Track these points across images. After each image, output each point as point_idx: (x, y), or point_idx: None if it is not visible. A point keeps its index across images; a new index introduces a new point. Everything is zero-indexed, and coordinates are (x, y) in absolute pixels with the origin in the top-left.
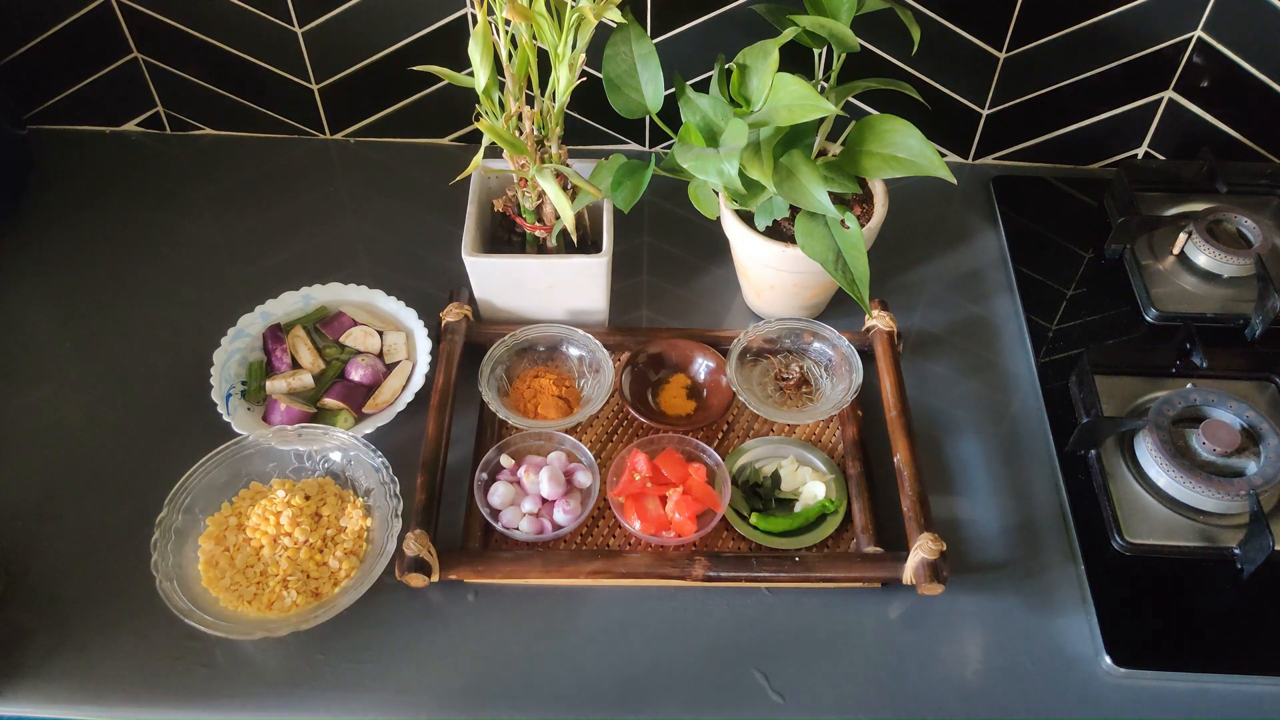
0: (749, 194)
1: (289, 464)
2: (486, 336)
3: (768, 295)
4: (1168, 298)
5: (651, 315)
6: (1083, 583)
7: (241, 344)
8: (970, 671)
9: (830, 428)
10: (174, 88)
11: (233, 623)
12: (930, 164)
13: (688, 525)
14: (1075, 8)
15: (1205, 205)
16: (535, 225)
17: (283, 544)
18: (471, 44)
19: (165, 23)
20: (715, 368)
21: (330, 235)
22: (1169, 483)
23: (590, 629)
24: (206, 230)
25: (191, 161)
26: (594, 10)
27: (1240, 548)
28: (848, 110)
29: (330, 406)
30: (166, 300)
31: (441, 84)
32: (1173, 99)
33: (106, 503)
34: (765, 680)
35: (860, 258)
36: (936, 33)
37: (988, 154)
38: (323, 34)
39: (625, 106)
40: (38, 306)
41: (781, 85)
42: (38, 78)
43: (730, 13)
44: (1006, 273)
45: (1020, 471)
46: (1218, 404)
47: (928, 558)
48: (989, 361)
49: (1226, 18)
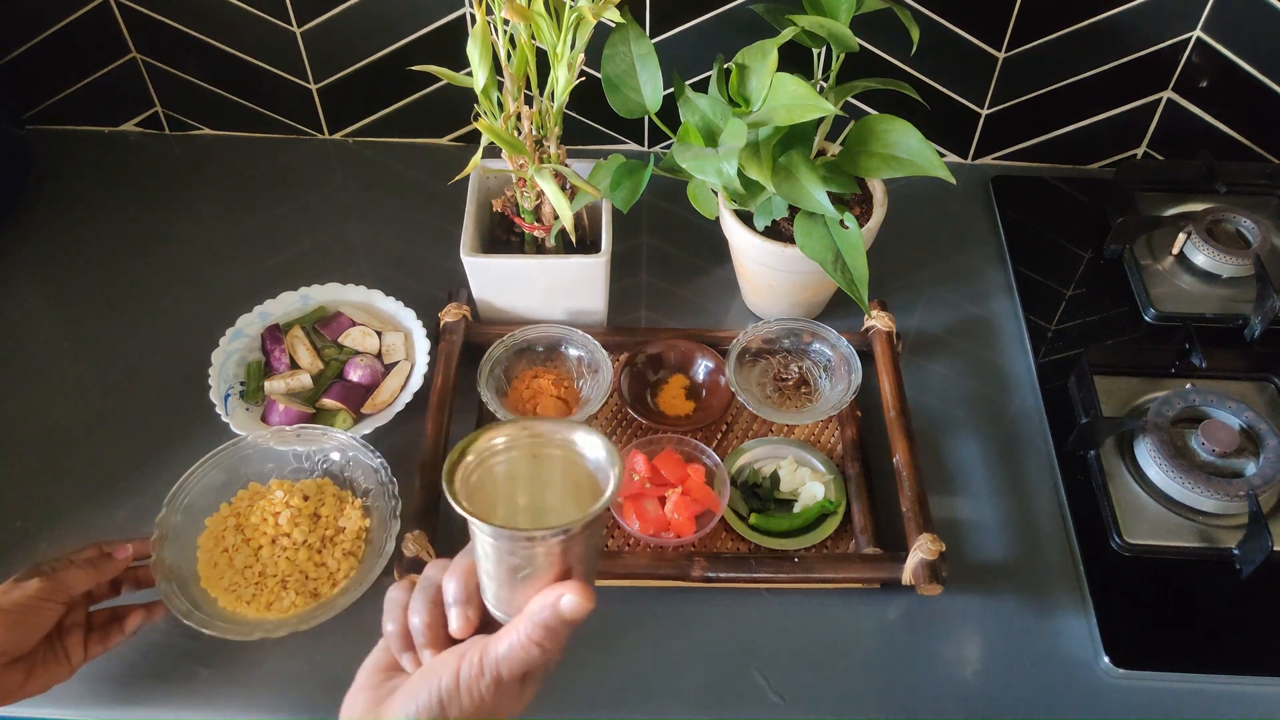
0: (748, 194)
1: (287, 464)
2: (485, 337)
3: (767, 295)
4: (1167, 298)
5: (650, 315)
6: (1082, 583)
7: (240, 344)
8: (969, 672)
9: (829, 428)
10: (173, 88)
11: (231, 623)
12: (929, 164)
13: (686, 526)
14: (1074, 8)
15: (1204, 205)
16: (534, 225)
17: (281, 544)
18: (470, 44)
19: (164, 23)
20: (714, 368)
21: (329, 235)
22: (1168, 483)
23: (589, 630)
24: (205, 230)
25: (190, 161)
26: (593, 10)
27: (1239, 548)
28: (847, 110)
29: (329, 407)
30: (165, 300)
31: (440, 84)
32: (1172, 99)
33: (106, 503)
34: (765, 681)
35: (859, 258)
36: (936, 32)
37: (987, 154)
38: (322, 34)
39: (624, 106)
40: (36, 306)
41: (780, 85)
42: (36, 78)
43: (729, 13)
44: (1006, 273)
45: (1019, 472)
46: (1217, 404)
47: (927, 558)
48: (988, 362)
49: (1225, 18)
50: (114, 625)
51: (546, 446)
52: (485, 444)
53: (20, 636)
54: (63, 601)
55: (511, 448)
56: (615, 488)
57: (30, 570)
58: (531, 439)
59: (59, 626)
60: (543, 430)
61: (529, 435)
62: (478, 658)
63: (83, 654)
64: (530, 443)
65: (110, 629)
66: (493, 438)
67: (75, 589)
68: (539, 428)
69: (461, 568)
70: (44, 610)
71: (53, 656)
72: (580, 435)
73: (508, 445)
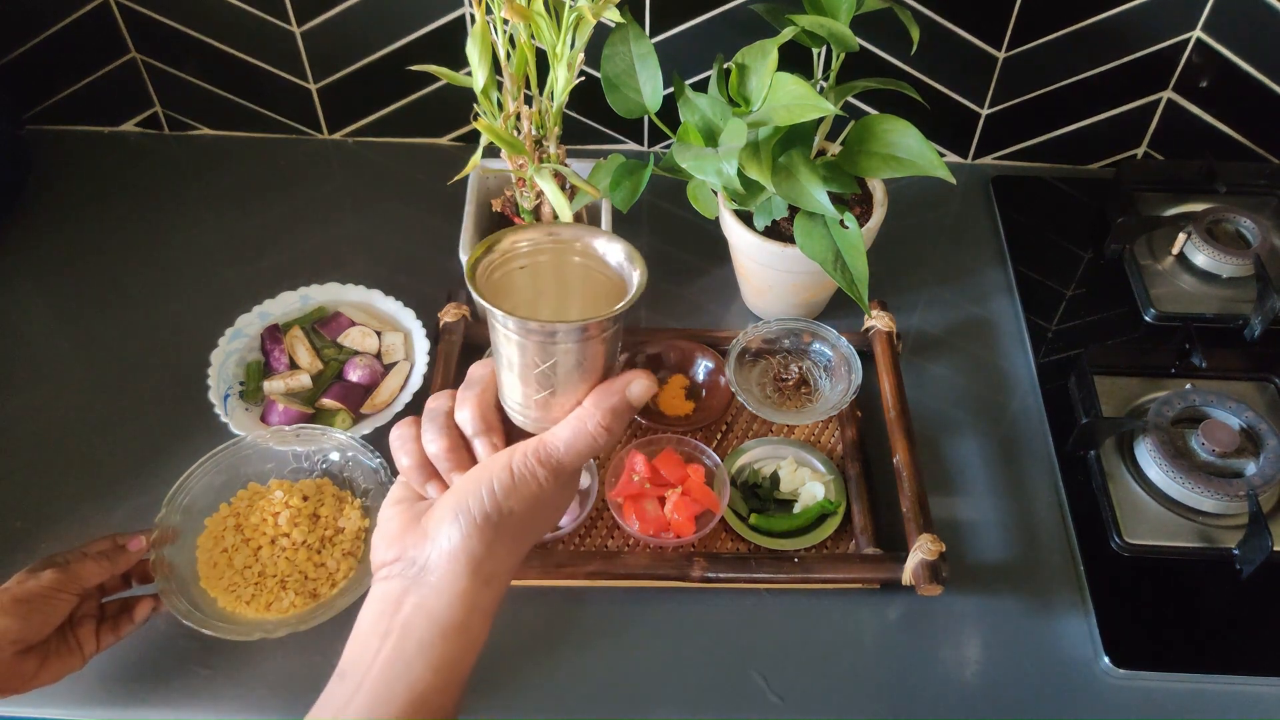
0: (748, 194)
1: (287, 464)
2: (485, 337)
3: (767, 295)
4: (1167, 298)
5: (650, 315)
6: (1082, 583)
7: (239, 344)
8: (969, 672)
9: (829, 428)
10: (172, 88)
11: (230, 624)
12: (929, 164)
13: (686, 526)
14: (1074, 8)
15: (1204, 205)
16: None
17: (280, 545)
18: (470, 44)
19: (164, 23)
20: (714, 368)
21: (328, 235)
22: (1168, 483)
23: (588, 630)
24: (204, 230)
25: (190, 161)
26: (592, 10)
27: (1239, 548)
28: (847, 110)
29: (328, 407)
30: (164, 300)
31: (440, 84)
32: (1172, 99)
33: (105, 503)
34: (764, 682)
35: (859, 258)
36: (936, 32)
37: (987, 154)
38: (321, 34)
39: (624, 106)
40: (36, 306)
41: (780, 85)
42: (36, 78)
43: (729, 12)
44: (1006, 273)
45: (1019, 472)
46: (1217, 404)
47: (927, 558)
48: (988, 362)
49: (1226, 18)
50: (124, 615)
51: (568, 254)
52: (509, 245)
53: (34, 626)
54: (76, 593)
55: (535, 252)
56: (640, 285)
57: (44, 561)
58: (555, 244)
59: (71, 617)
60: (566, 235)
61: (552, 240)
62: (532, 450)
63: (94, 644)
64: (553, 248)
65: (121, 619)
66: (516, 241)
67: (88, 581)
68: (563, 233)
69: (473, 399)
70: (57, 601)
71: (65, 647)
72: (601, 241)
73: (531, 250)
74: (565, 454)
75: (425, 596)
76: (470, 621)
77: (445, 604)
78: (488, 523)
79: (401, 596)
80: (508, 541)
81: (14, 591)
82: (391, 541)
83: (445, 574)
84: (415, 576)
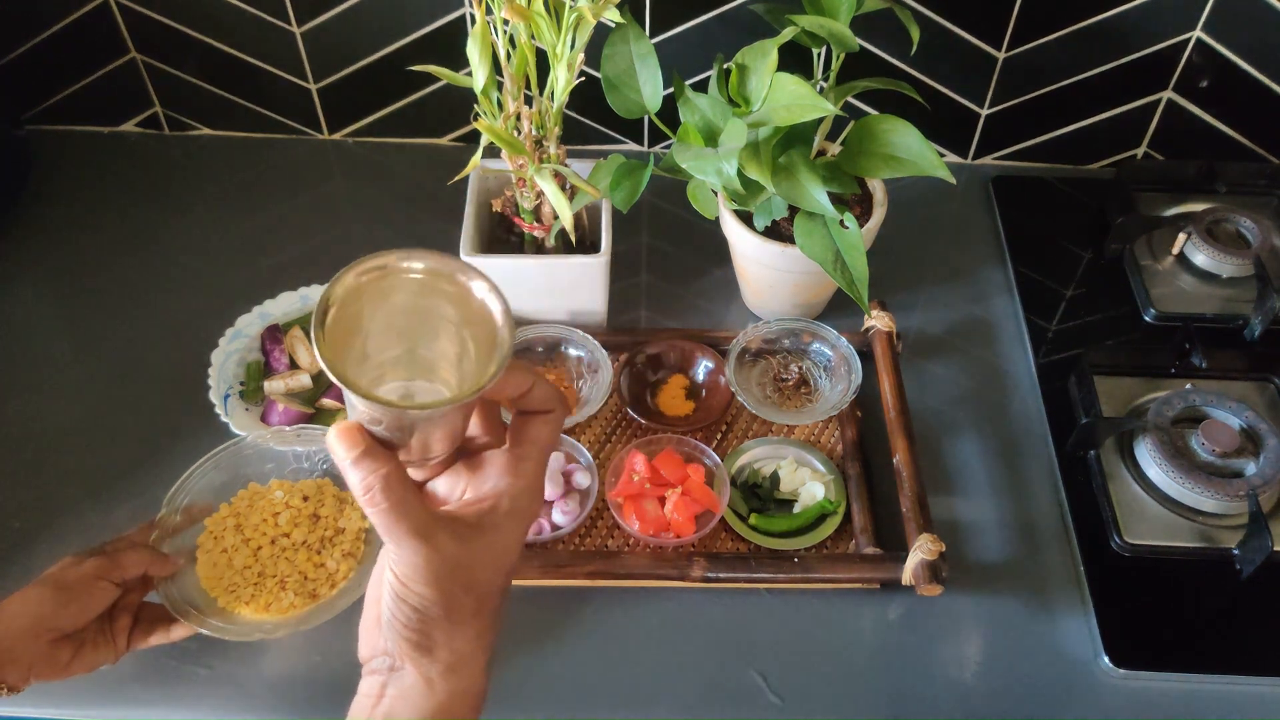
0: (748, 194)
1: (287, 465)
2: None
3: (766, 295)
4: (1167, 298)
5: (650, 315)
6: (1082, 583)
7: (240, 344)
8: (969, 672)
9: (829, 428)
10: (172, 88)
11: (230, 624)
12: (929, 164)
13: (686, 526)
14: (1074, 8)
15: (1204, 205)
16: (534, 225)
17: (281, 545)
18: (470, 44)
19: (163, 23)
20: (714, 368)
21: (328, 235)
22: (1168, 483)
23: (588, 630)
24: (204, 230)
25: (190, 161)
26: (592, 10)
27: (1239, 548)
28: (847, 110)
29: (328, 407)
30: (164, 300)
31: (440, 84)
32: (1172, 99)
33: (106, 503)
34: (764, 681)
35: (859, 258)
36: (936, 32)
37: (987, 154)
38: (321, 34)
39: (624, 106)
40: (36, 307)
41: (780, 85)
42: (36, 78)
43: (729, 13)
44: (1006, 273)
45: (1020, 472)
46: (1217, 404)
47: (927, 558)
48: (988, 362)
49: (1226, 18)
50: (160, 625)
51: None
52: (351, 285)
53: (74, 613)
54: (118, 582)
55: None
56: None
57: (90, 550)
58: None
59: (112, 608)
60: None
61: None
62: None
63: (127, 640)
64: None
65: (156, 627)
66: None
67: (131, 570)
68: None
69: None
70: (99, 589)
71: (102, 638)
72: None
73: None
74: (420, 577)
75: (404, 689)
76: (452, 705)
77: (421, 694)
78: (412, 639)
79: (382, 691)
80: (452, 624)
81: (56, 577)
82: (365, 637)
83: (411, 671)
84: (390, 670)
